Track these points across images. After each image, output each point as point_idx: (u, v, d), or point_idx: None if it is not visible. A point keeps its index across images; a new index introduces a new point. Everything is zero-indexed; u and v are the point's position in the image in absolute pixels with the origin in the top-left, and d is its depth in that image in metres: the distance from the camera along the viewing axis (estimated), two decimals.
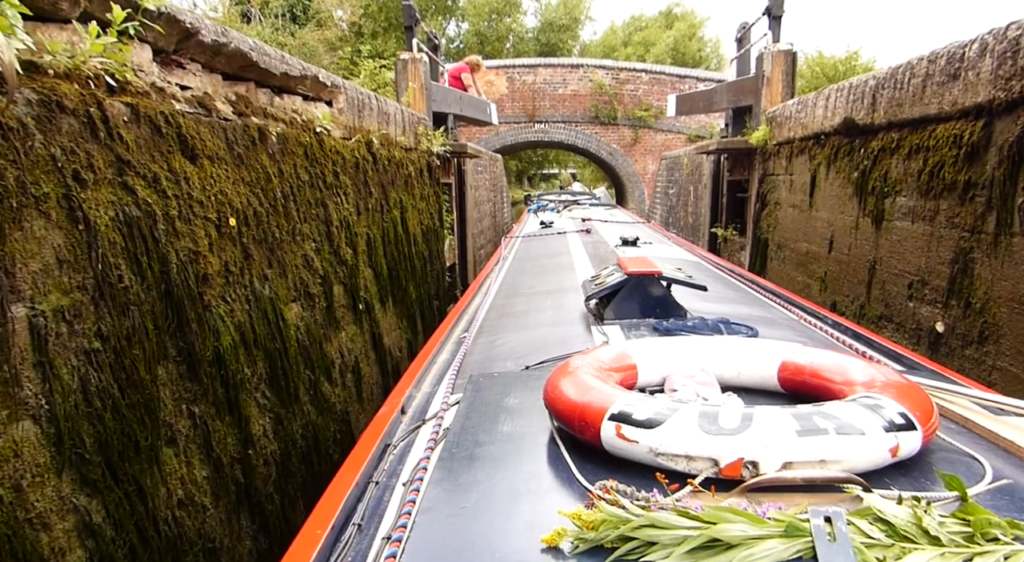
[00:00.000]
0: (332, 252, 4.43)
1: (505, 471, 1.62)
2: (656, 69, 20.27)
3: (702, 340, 2.26)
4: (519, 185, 43.78)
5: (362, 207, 5.12)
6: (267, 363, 3.37)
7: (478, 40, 25.29)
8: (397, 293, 5.94)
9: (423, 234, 7.12)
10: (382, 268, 5.52)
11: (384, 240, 5.67)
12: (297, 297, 3.85)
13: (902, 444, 1.45)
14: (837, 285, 5.39)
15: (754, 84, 8.32)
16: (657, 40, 35.26)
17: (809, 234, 6.05)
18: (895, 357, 2.83)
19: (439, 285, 7.79)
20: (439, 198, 7.94)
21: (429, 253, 7.32)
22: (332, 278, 4.39)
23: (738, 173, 9.09)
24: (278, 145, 3.72)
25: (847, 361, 1.94)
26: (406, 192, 6.47)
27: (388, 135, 5.94)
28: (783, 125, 6.79)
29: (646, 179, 20.30)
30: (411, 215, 6.63)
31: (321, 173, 4.30)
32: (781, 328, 3.26)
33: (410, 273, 6.41)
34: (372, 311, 5.19)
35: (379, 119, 5.68)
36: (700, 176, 11.02)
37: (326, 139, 4.41)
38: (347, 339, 4.60)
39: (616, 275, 3.37)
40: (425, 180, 7.29)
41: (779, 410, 1.49)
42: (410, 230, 6.53)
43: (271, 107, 3.86)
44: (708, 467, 1.41)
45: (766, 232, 7.31)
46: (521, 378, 2.35)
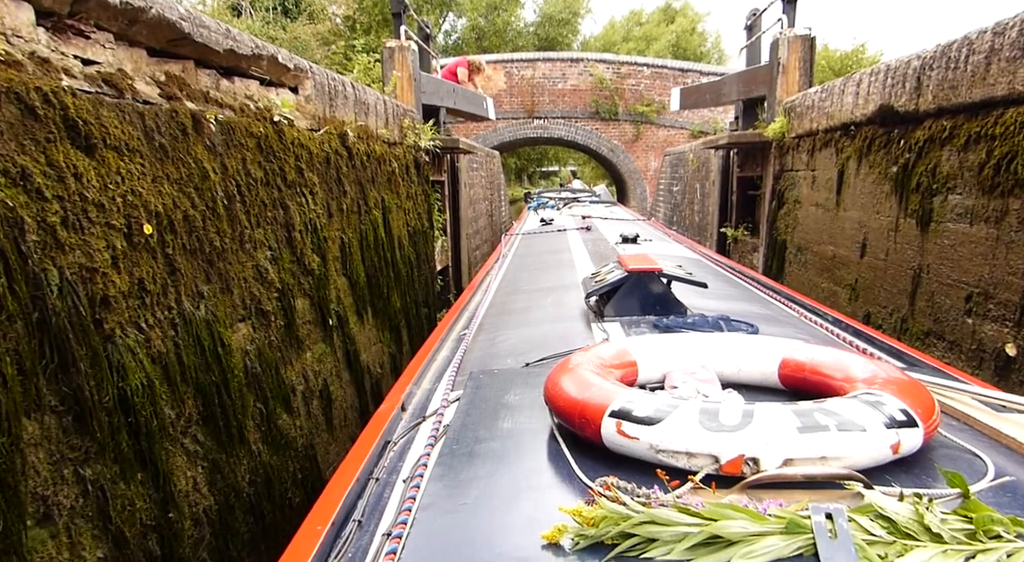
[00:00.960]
0: (294, 261, 3.80)
1: (505, 468, 1.60)
2: (658, 63, 19.63)
3: (702, 337, 2.25)
4: (519, 183, 43.13)
5: (334, 208, 4.50)
6: (200, 400, 2.75)
7: (475, 35, 24.65)
8: (378, 303, 5.32)
9: (410, 236, 6.50)
10: (359, 276, 4.90)
11: (362, 244, 5.05)
12: (246, 316, 3.23)
13: (903, 441, 1.44)
14: (871, 294, 4.77)
15: (768, 73, 7.68)
16: (658, 35, 34.64)
17: (836, 236, 5.42)
18: (895, 354, 2.79)
19: (428, 291, 7.17)
20: (428, 197, 7.31)
21: (417, 257, 6.70)
22: (294, 291, 3.77)
23: (750, 169, 8.46)
24: (221, 136, 3.09)
25: (848, 358, 1.93)
26: (389, 191, 5.85)
27: (367, 127, 5.32)
28: (803, 116, 6.16)
29: (648, 176, 19.67)
30: (395, 216, 6.01)
31: (280, 169, 3.67)
32: (781, 325, 3.20)
33: (394, 280, 5.79)
34: (346, 325, 4.57)
35: (356, 109, 5.05)
36: (707, 172, 10.39)
37: (287, 130, 3.78)
38: (313, 360, 3.98)
39: (616, 272, 3.33)
40: (412, 177, 6.67)
41: (780, 407, 1.48)
42: (394, 232, 5.91)
43: (216, 91, 3.23)
44: (709, 464, 1.40)
45: (784, 233, 6.68)
46: (521, 375, 2.33)
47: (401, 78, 7.51)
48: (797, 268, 6.31)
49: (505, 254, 6.67)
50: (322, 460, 4.00)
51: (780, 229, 6.78)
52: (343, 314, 4.53)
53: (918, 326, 4.08)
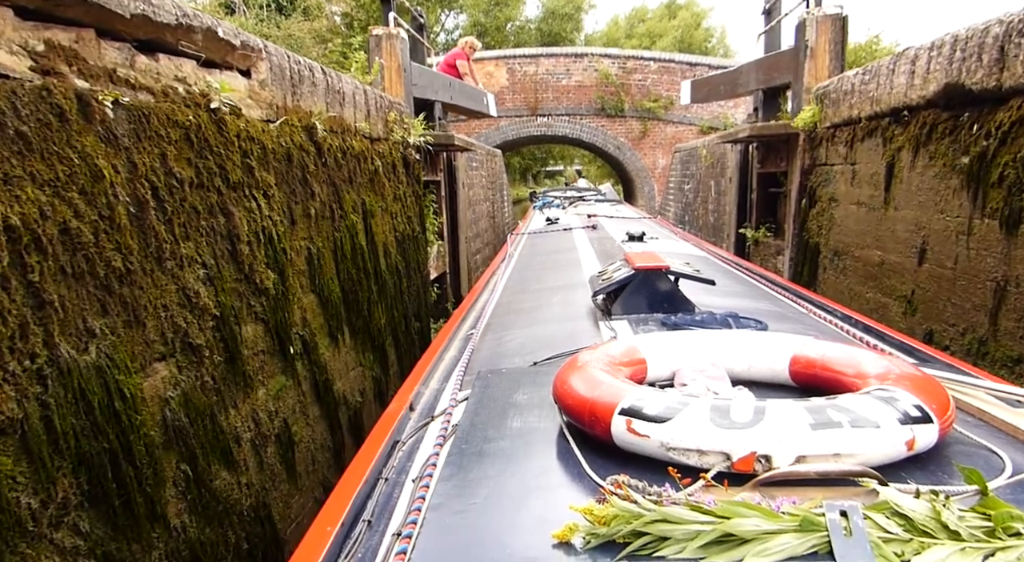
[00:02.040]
0: (241, 279, 3.09)
1: (515, 467, 1.59)
2: (665, 57, 18.89)
3: (712, 334, 2.23)
4: (523, 182, 42.42)
5: (298, 213, 3.78)
6: (84, 476, 2.04)
7: (477, 32, 23.90)
8: (357, 321, 4.61)
9: (398, 243, 5.78)
10: (332, 292, 4.19)
11: (336, 255, 4.33)
12: (166, 354, 2.52)
13: (918, 437, 1.41)
14: (934, 309, 4.03)
15: (793, 58, 6.94)
16: (662, 31, 33.93)
17: (883, 239, 4.68)
18: (907, 350, 2.74)
19: (420, 302, 6.45)
20: (420, 198, 6.60)
21: (406, 265, 5.99)
22: (241, 315, 3.06)
23: (772, 164, 7.71)
24: (127, 125, 2.38)
25: (860, 354, 1.91)
26: (371, 192, 5.14)
27: (343, 120, 4.60)
28: (840, 103, 5.42)
29: (656, 174, 18.93)
30: (379, 220, 5.30)
31: (220, 167, 2.96)
32: (790, 322, 3.16)
33: (377, 293, 5.08)
34: (314, 351, 3.86)
35: (328, 98, 4.33)
36: (723, 169, 9.64)
37: (231, 120, 3.07)
38: (267, 398, 3.27)
39: (623, 270, 3.28)
40: (400, 177, 5.95)
41: (792, 403, 1.46)
42: (377, 239, 5.19)
43: (128, 69, 2.51)
44: (720, 461, 1.37)
45: (816, 235, 5.94)
46: (529, 374, 2.32)
47: (389, 68, 6.80)
48: (833, 275, 5.56)
49: (511, 254, 6.51)
50: (280, 517, 3.29)
51: (811, 231, 6.03)
52: (310, 338, 3.81)
53: (1003, 350, 3.33)
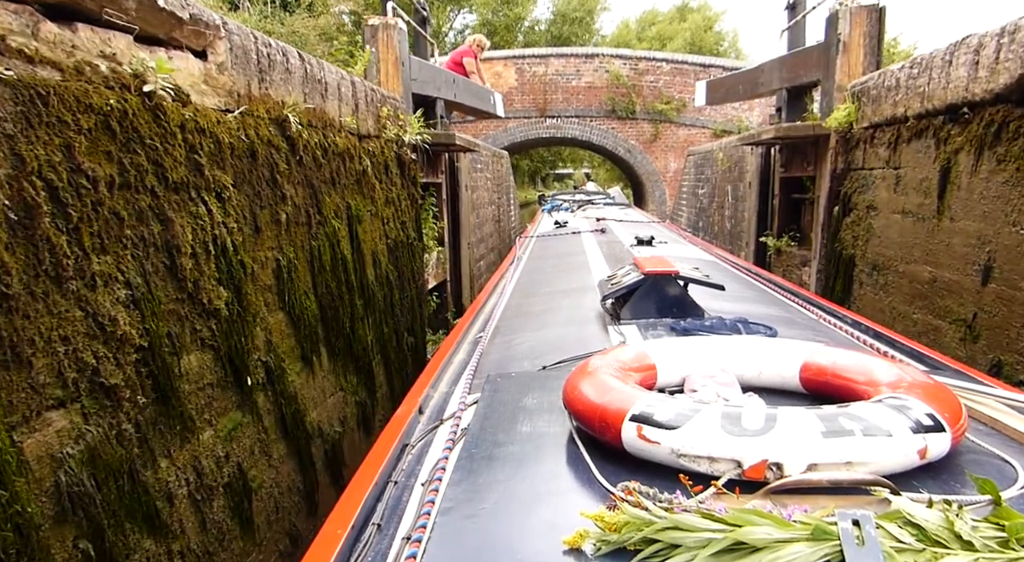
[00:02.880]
0: (182, 299, 2.55)
1: (525, 471, 1.57)
2: (678, 58, 18.29)
3: (722, 340, 2.19)
4: (532, 185, 41.81)
5: (265, 219, 3.24)
6: None
7: (486, 31, 23.35)
8: (337, 341, 4.05)
9: (389, 250, 5.23)
10: (306, 309, 3.64)
11: (313, 266, 3.79)
12: (65, 399, 1.97)
13: (930, 446, 1.39)
14: (1003, 336, 3.44)
15: (822, 54, 6.35)
16: (673, 34, 33.25)
17: (936, 254, 4.09)
18: (918, 357, 2.70)
19: (415, 315, 5.90)
20: (416, 202, 6.04)
21: (399, 275, 5.44)
22: (181, 343, 2.51)
23: (797, 168, 7.13)
24: (13, 107, 1.84)
25: (871, 361, 1.88)
26: (359, 195, 4.59)
27: (324, 113, 4.06)
28: (881, 100, 4.83)
29: (667, 178, 18.33)
30: (368, 226, 4.75)
31: (156, 164, 2.41)
32: (800, 328, 3.14)
33: (363, 307, 4.53)
34: (281, 378, 3.31)
35: (306, 88, 3.79)
36: (742, 173, 9.05)
37: (172, 108, 2.52)
38: (216, 441, 2.72)
39: (633, 275, 3.27)
40: (393, 178, 5.40)
41: (803, 411, 1.45)
42: (365, 247, 4.64)
43: (29, 39, 1.97)
44: (731, 468, 1.35)
45: (850, 246, 5.35)
46: (538, 378, 2.29)
47: (385, 61, 6.25)
48: (872, 291, 4.97)
49: (520, 257, 6.49)
50: None
51: (845, 241, 5.44)
52: (276, 364, 3.26)
53: None
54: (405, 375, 5.42)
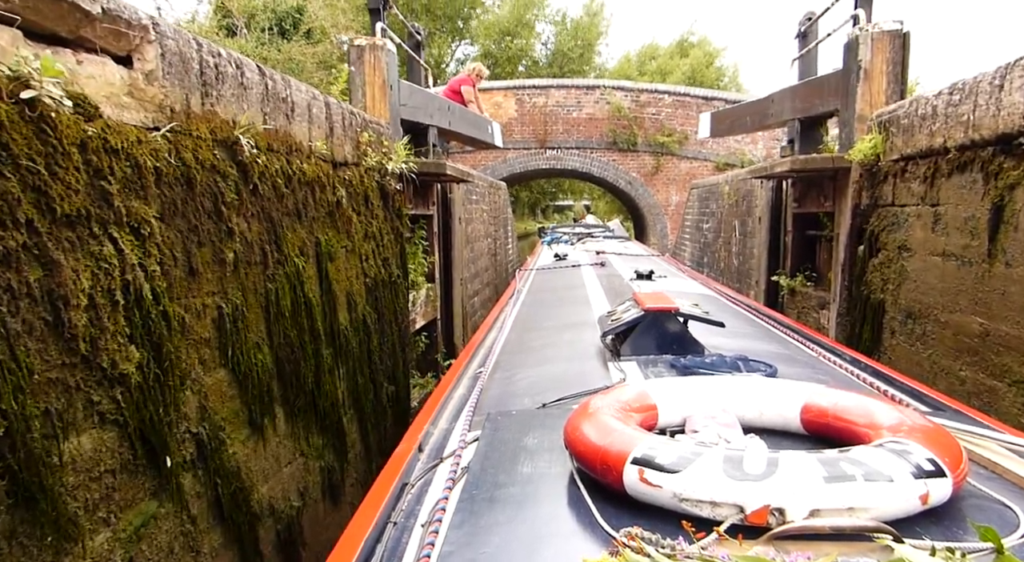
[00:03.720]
0: (72, 364, 1.98)
1: (526, 514, 1.55)
2: (680, 90, 17.97)
3: (722, 380, 2.18)
4: (532, 216, 41.45)
5: (203, 259, 2.69)
6: None
7: (489, 62, 23.14)
8: (297, 398, 3.48)
9: (368, 290, 4.68)
10: (257, 363, 3.07)
11: (269, 312, 3.23)
12: None
13: (932, 491, 1.38)
14: None
15: (839, 82, 5.87)
16: (673, 69, 33.14)
17: (988, 303, 3.54)
18: (918, 396, 2.66)
19: (398, 361, 5.32)
20: (401, 235, 5.50)
21: (379, 317, 4.87)
22: (67, 421, 1.94)
23: (812, 203, 6.61)
24: None
25: (872, 403, 1.85)
26: (331, 229, 4.05)
27: (290, 136, 3.53)
28: (914, 130, 4.32)
29: (669, 211, 17.88)
30: (342, 264, 4.20)
31: (37, 190, 1.87)
32: (800, 365, 3.09)
33: (333, 357, 3.96)
34: (219, 452, 2.72)
35: (266, 107, 3.27)
36: (750, 208, 8.53)
37: (66, 120, 1.98)
38: (116, 544, 2.12)
39: (632, 311, 3.22)
40: (375, 210, 4.87)
41: (805, 455, 1.44)
42: (337, 287, 4.09)
43: None
44: (734, 514, 1.34)
45: (879, 290, 4.79)
46: (539, 416, 2.26)
47: (372, 84, 5.77)
48: (906, 342, 4.40)
49: (520, 290, 6.41)
50: None
51: (873, 284, 4.88)
52: (211, 434, 2.68)
53: None
54: (383, 430, 4.83)
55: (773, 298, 7.44)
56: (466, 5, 23.24)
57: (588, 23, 24.92)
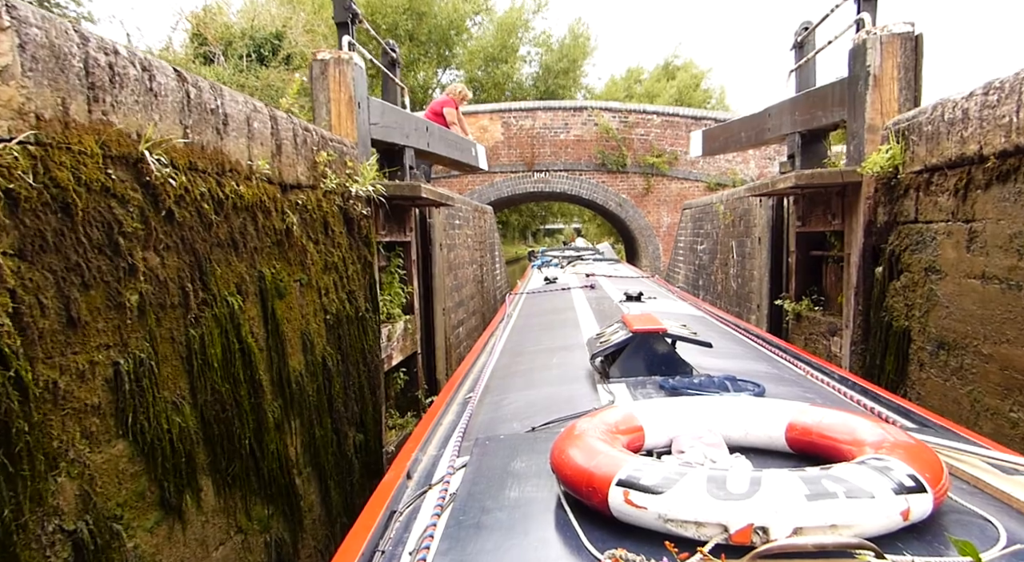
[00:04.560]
0: None
1: (513, 540, 1.54)
2: (669, 111, 17.60)
3: (708, 400, 2.16)
4: (523, 240, 40.98)
5: (89, 305, 2.11)
6: None
7: (473, 88, 22.80)
8: (231, 465, 2.88)
9: (329, 328, 4.11)
10: (173, 429, 2.48)
11: (191, 364, 2.65)
12: None
13: (913, 507, 1.39)
14: None
15: (845, 91, 5.40)
16: (659, 92, 33.04)
17: None
18: (904, 413, 2.68)
19: (366, 405, 4.72)
20: (370, 265, 4.94)
21: (343, 358, 4.29)
22: None
23: (817, 222, 6.09)
24: None
25: (855, 421, 1.86)
26: (280, 260, 3.49)
27: (221, 153, 2.98)
28: (942, 137, 3.81)
29: (660, 233, 17.41)
30: (294, 300, 3.63)
31: None
32: (788, 384, 3.10)
33: (283, 409, 3.37)
34: (108, 550, 2.12)
35: (186, 118, 2.72)
36: (748, 228, 8.03)
37: None
38: None
39: (621, 333, 3.21)
40: (337, 238, 4.32)
41: (787, 473, 1.44)
42: (287, 328, 3.52)
43: None
44: (718, 533, 1.34)
45: (902, 317, 4.25)
46: (527, 440, 2.25)
47: (337, 101, 5.25)
48: (939, 376, 3.85)
49: (510, 314, 6.38)
50: None
51: (895, 310, 4.34)
52: (100, 527, 2.08)
53: None
54: (348, 486, 4.22)
55: (777, 324, 6.89)
56: (451, 30, 22.97)
57: (572, 44, 24.66)
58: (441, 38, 22.62)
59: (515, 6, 24.01)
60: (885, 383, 4.28)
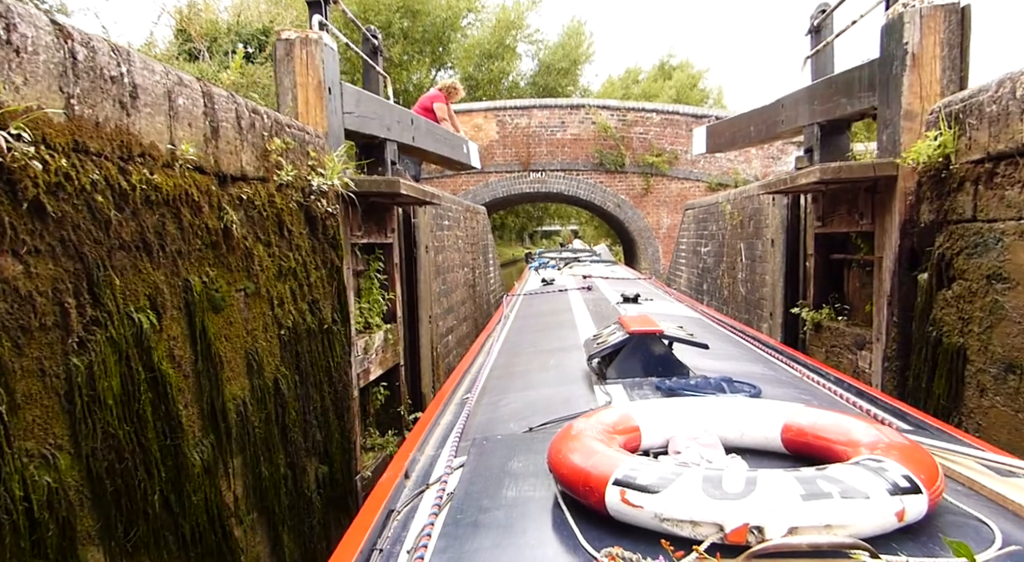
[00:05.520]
0: None
1: (510, 539, 1.54)
2: (668, 109, 16.97)
3: (705, 401, 2.17)
4: (520, 242, 40.34)
5: None
6: None
7: (468, 86, 22.16)
8: (135, 529, 2.24)
9: (285, 345, 3.47)
10: (34, 496, 1.85)
11: (74, 405, 2.01)
12: None
13: (908, 508, 1.38)
14: None
15: (875, 74, 4.77)
16: (656, 92, 32.49)
17: None
18: (900, 415, 2.69)
19: (331, 431, 4.07)
20: (338, 270, 4.29)
21: (301, 379, 3.64)
22: None
23: (840, 221, 5.47)
24: None
25: (850, 422, 1.86)
26: (213, 266, 2.84)
27: (128, 133, 2.34)
28: (1012, 119, 3.18)
29: (660, 234, 16.78)
30: (235, 314, 2.99)
31: None
32: (784, 386, 3.10)
33: (213, 450, 2.73)
34: None
35: (68, 84, 2.09)
36: (759, 229, 7.39)
37: None
38: None
39: (618, 334, 3.22)
40: (296, 240, 3.68)
41: (783, 473, 1.44)
42: (226, 348, 2.87)
43: None
44: (713, 532, 1.34)
45: (957, 333, 3.61)
46: (524, 441, 2.25)
47: (304, 85, 4.61)
48: (1008, 404, 3.20)
49: (507, 315, 6.40)
50: None
51: (945, 323, 3.71)
52: None
53: None
54: (307, 529, 3.57)
55: (792, 334, 6.26)
56: (446, 29, 22.33)
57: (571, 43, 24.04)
58: (435, 36, 21.98)
59: (509, 4, 23.44)
60: (933, 410, 3.65)
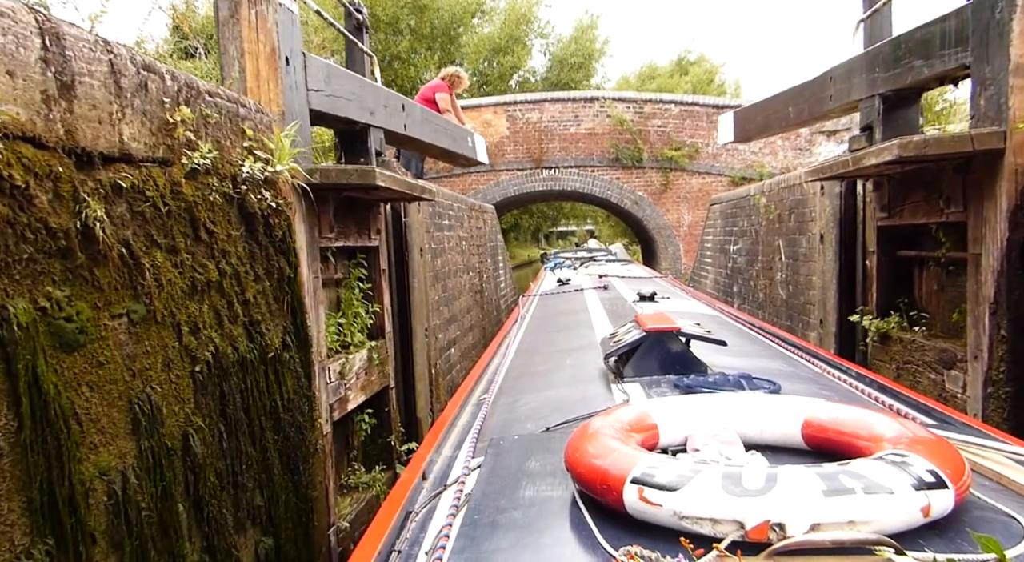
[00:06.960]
0: None
1: (528, 538, 1.53)
2: (688, 100, 15.93)
3: (723, 397, 2.14)
4: (535, 243, 39.36)
5: None
6: None
7: (479, 81, 21.25)
8: None
9: (203, 386, 2.54)
10: None
11: None
12: None
13: (934, 503, 1.34)
14: None
15: (966, 24, 3.78)
16: (674, 87, 31.38)
17: None
18: (924, 410, 2.62)
19: (286, 484, 3.14)
20: (291, 281, 3.36)
21: (228, 430, 2.72)
22: None
23: (913, 211, 4.46)
24: None
25: (872, 416, 1.82)
26: (68, 284, 1.92)
27: None
28: None
29: (681, 232, 15.74)
30: (109, 352, 2.06)
31: None
32: (804, 382, 3.04)
33: (52, 561, 1.82)
34: None
35: None
36: (802, 223, 6.37)
37: None
38: None
39: (634, 332, 3.18)
40: (224, 245, 2.75)
41: (804, 469, 1.41)
42: (88, 404, 1.95)
43: None
44: (734, 530, 1.31)
45: None
46: (542, 440, 2.25)
47: (253, 54, 3.69)
48: None
49: (523, 316, 6.46)
50: None
51: None
52: None
53: None
54: None
55: (850, 346, 5.25)
56: (454, 23, 21.44)
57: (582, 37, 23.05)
58: (444, 31, 21.10)
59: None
60: None
